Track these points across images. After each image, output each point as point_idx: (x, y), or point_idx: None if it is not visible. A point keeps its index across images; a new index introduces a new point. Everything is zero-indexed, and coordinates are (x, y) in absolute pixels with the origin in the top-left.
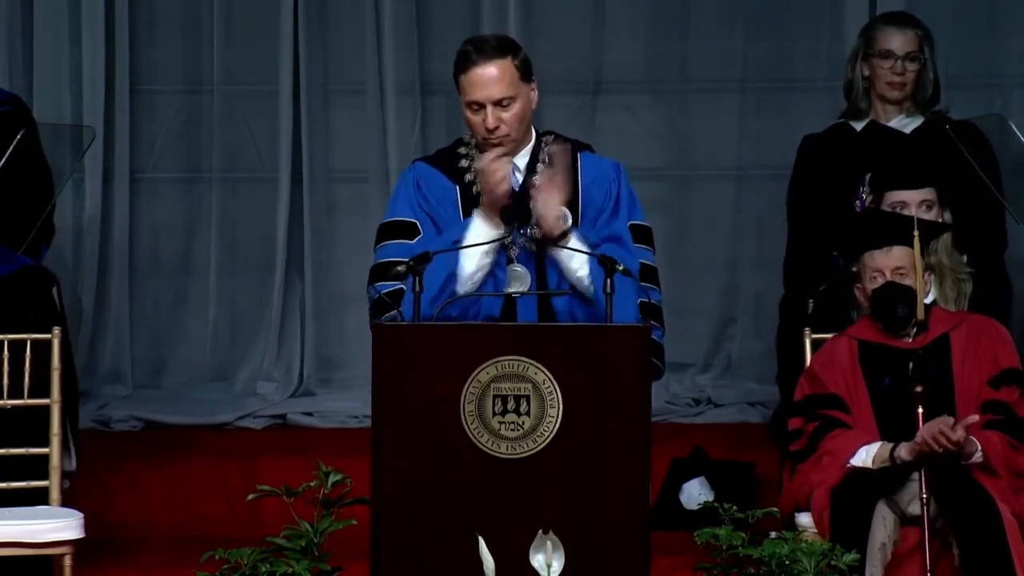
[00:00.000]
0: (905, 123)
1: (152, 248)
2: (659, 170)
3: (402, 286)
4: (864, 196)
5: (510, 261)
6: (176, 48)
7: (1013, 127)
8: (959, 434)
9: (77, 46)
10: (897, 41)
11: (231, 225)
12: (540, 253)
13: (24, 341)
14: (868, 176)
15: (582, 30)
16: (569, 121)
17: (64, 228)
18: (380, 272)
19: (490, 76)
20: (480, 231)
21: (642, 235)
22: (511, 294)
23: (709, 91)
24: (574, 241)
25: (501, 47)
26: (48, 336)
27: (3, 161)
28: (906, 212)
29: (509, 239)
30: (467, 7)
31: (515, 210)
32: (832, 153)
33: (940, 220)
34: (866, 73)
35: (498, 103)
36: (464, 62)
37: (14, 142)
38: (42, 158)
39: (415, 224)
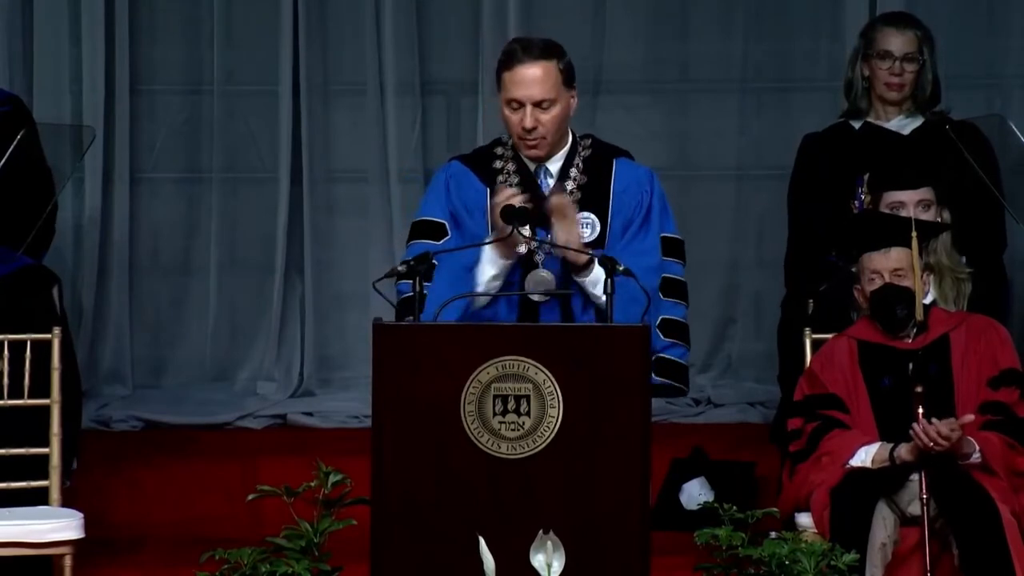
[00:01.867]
0: (905, 123)
1: (152, 248)
2: (659, 170)
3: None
4: (863, 197)
5: (535, 266)
6: (176, 48)
7: (1013, 127)
8: (954, 432)
9: (77, 46)
10: (896, 42)
11: (231, 225)
12: (565, 265)
13: (24, 341)
14: (866, 177)
15: (582, 30)
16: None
17: (64, 228)
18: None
19: (533, 76)
20: (488, 266)
21: (673, 248)
22: (529, 295)
23: (709, 91)
24: (596, 268)
25: (547, 50)
26: (48, 336)
27: (3, 161)
28: (904, 212)
29: (535, 245)
30: (467, 7)
31: (516, 211)
32: (832, 152)
33: (939, 219)
34: (866, 73)
35: (538, 104)
36: (509, 60)
37: (14, 142)
38: (42, 159)
39: (443, 225)
